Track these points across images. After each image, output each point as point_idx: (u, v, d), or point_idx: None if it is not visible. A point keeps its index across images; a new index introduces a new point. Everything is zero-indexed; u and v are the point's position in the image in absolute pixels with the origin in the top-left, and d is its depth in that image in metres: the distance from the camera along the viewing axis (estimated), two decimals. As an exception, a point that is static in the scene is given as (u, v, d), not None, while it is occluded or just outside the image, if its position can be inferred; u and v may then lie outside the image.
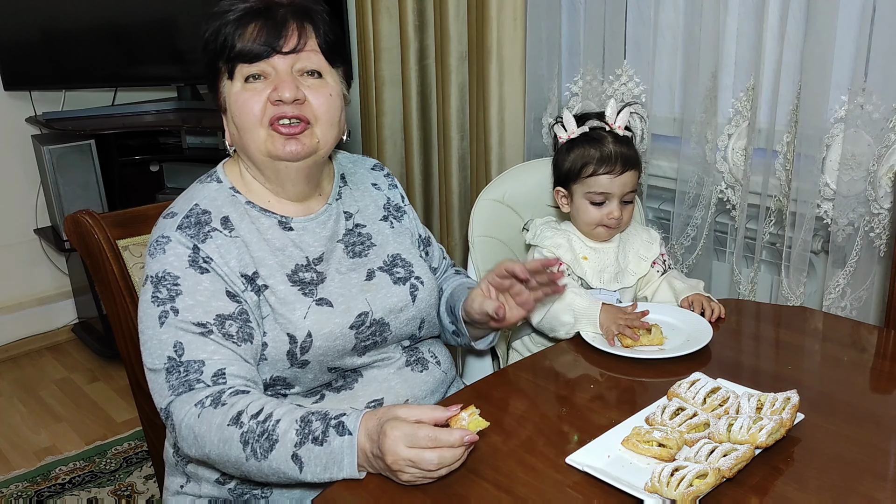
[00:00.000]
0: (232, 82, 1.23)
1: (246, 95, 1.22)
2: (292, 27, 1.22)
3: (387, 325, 1.31)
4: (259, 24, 1.21)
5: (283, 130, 1.22)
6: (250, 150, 1.25)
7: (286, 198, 1.30)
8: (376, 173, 1.48)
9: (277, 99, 1.20)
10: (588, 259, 1.59)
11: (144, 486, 2.36)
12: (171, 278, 1.19)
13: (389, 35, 2.63)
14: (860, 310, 1.78)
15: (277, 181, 1.28)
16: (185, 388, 1.15)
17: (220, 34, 1.23)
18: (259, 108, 1.21)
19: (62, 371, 3.09)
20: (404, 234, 1.43)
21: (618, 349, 1.37)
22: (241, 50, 1.21)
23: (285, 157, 1.23)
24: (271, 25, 1.21)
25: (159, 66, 3.03)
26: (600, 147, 1.56)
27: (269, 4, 1.24)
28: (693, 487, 0.95)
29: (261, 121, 1.22)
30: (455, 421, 1.05)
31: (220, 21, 1.23)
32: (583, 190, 1.58)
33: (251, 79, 1.22)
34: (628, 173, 1.56)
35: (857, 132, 1.68)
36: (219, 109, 1.30)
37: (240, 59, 1.21)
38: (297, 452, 1.07)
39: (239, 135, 1.25)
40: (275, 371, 1.24)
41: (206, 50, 1.26)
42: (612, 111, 1.61)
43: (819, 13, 1.66)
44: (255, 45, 1.21)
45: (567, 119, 1.62)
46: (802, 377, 1.30)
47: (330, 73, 1.26)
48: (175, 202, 1.29)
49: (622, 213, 1.58)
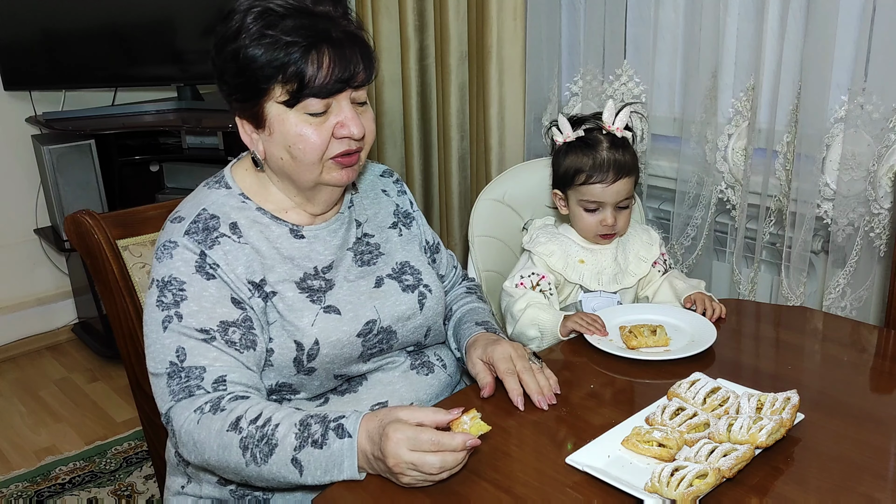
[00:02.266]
0: (287, 108, 1.18)
1: (309, 130, 1.18)
2: (355, 58, 1.18)
3: (394, 332, 1.30)
4: (329, 54, 1.16)
5: (345, 162, 1.21)
6: (303, 178, 1.22)
7: (309, 210, 1.30)
8: (385, 180, 1.47)
9: (345, 136, 1.19)
10: (585, 262, 1.59)
11: (144, 486, 2.36)
12: (177, 283, 1.19)
13: (389, 35, 2.63)
14: (860, 310, 1.78)
15: (313, 199, 1.28)
16: (186, 393, 1.14)
17: (290, 63, 1.14)
18: (324, 143, 1.19)
19: (62, 371, 3.09)
20: (413, 242, 1.42)
21: (623, 350, 1.37)
22: (316, 86, 1.15)
23: (338, 183, 1.24)
24: (341, 57, 1.16)
25: (159, 66, 3.03)
26: (593, 154, 1.54)
27: (327, 26, 1.17)
28: (693, 487, 0.95)
29: (324, 155, 1.20)
30: (457, 424, 1.05)
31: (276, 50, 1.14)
32: (576, 197, 1.58)
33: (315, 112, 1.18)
34: (622, 181, 1.53)
35: (857, 132, 1.69)
36: (250, 121, 1.22)
37: (312, 94, 1.16)
38: (297, 456, 1.07)
39: (293, 163, 1.21)
40: (280, 377, 1.24)
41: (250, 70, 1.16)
42: (609, 113, 1.58)
43: (819, 13, 1.66)
44: (329, 82, 1.16)
45: (562, 123, 1.60)
46: (802, 377, 1.29)
47: (369, 95, 1.26)
48: (182, 206, 1.28)
49: (617, 220, 1.56)
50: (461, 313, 1.46)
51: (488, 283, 1.78)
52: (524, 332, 1.51)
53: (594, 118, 1.61)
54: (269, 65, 1.15)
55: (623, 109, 1.58)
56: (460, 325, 1.42)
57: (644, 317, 1.48)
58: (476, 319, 1.42)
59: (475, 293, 1.54)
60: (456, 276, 1.56)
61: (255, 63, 1.16)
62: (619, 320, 1.46)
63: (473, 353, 1.31)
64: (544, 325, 1.48)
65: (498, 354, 1.27)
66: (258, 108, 1.20)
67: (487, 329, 1.38)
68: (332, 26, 1.18)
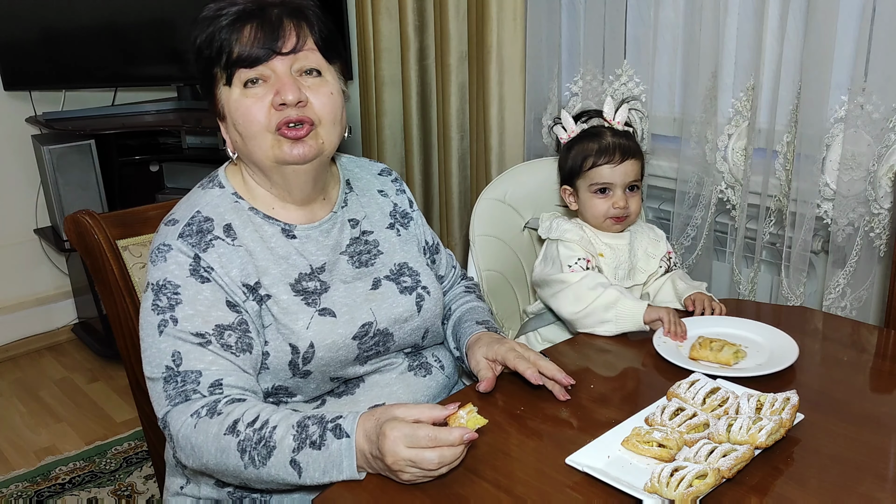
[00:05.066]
0: (230, 88, 1.20)
1: (248, 102, 1.19)
2: (289, 27, 1.20)
3: (390, 335, 1.30)
4: (254, 26, 1.18)
5: (290, 134, 1.19)
6: (256, 156, 1.22)
7: (292, 203, 1.28)
8: (383, 178, 1.46)
9: (281, 103, 1.18)
10: (604, 256, 1.60)
11: (144, 486, 2.36)
12: (172, 287, 1.18)
13: (389, 35, 2.63)
14: (860, 310, 1.78)
15: (284, 186, 1.26)
16: (182, 398, 1.14)
17: (215, 40, 1.19)
18: (263, 115, 1.19)
19: (62, 371, 3.08)
20: (411, 242, 1.41)
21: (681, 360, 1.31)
22: (240, 55, 1.18)
23: (293, 160, 1.21)
24: (267, 27, 1.19)
25: (159, 66, 3.03)
26: (598, 140, 1.59)
27: (261, 5, 1.21)
28: (693, 488, 0.95)
29: (266, 127, 1.19)
30: (453, 419, 1.05)
31: (212, 27, 1.20)
32: (586, 183, 1.60)
33: (250, 83, 1.19)
34: (629, 162, 1.57)
35: (857, 132, 1.68)
36: (215, 116, 1.27)
37: (238, 64, 1.19)
38: (296, 458, 1.07)
39: (243, 142, 1.22)
40: (276, 380, 1.23)
41: (199, 57, 1.22)
42: (609, 108, 1.63)
43: (819, 13, 1.66)
44: (253, 49, 1.18)
45: (565, 119, 1.64)
46: (802, 377, 1.29)
47: (328, 69, 1.24)
48: (176, 208, 1.28)
49: (628, 202, 1.58)
50: (460, 312, 1.46)
51: (489, 282, 1.78)
52: (595, 313, 1.46)
53: (595, 113, 1.65)
54: (206, 44, 1.20)
55: (622, 106, 1.62)
56: (460, 325, 1.42)
57: (729, 331, 1.41)
58: (476, 319, 1.41)
59: (474, 292, 1.54)
60: (455, 276, 1.56)
61: (198, 45, 1.22)
62: (705, 330, 1.40)
63: (477, 351, 1.31)
64: (623, 311, 1.44)
65: (506, 350, 1.27)
66: (215, 98, 1.24)
67: (488, 328, 1.38)
68: (274, 7, 1.21)
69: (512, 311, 1.85)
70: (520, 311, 1.84)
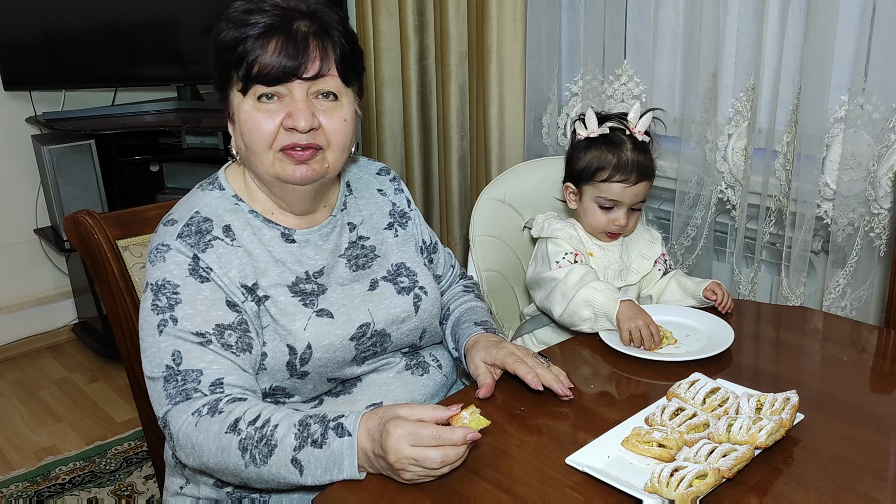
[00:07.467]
0: (244, 97, 1.19)
1: (259, 117, 1.17)
2: (314, 49, 1.17)
3: (388, 335, 1.30)
4: (280, 42, 1.15)
5: (295, 155, 1.18)
6: (258, 170, 1.22)
7: (291, 212, 1.28)
8: (382, 178, 1.45)
9: (291, 127, 1.16)
10: (594, 256, 1.60)
11: (144, 486, 2.36)
12: (171, 287, 1.18)
13: (389, 35, 2.63)
14: (860, 310, 1.78)
15: (283, 198, 1.26)
16: (183, 397, 1.14)
17: (239, 47, 1.16)
18: (271, 132, 1.17)
19: (62, 371, 3.08)
20: (409, 242, 1.41)
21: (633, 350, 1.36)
22: (260, 72, 1.16)
23: (294, 181, 1.20)
24: (292, 46, 1.16)
25: (159, 66, 3.02)
26: (618, 153, 1.55)
27: (288, 16, 1.18)
28: (693, 488, 0.95)
29: (271, 145, 1.18)
30: (456, 420, 1.05)
31: (237, 32, 1.17)
32: (594, 193, 1.58)
33: (265, 98, 1.17)
34: (642, 184, 1.56)
35: (857, 132, 1.69)
36: (225, 114, 1.25)
37: (257, 80, 1.16)
38: (297, 456, 1.07)
39: (247, 152, 1.21)
40: (274, 381, 1.23)
41: (219, 58, 1.20)
42: (634, 114, 1.59)
43: (819, 13, 1.66)
44: (274, 69, 1.15)
45: (589, 118, 1.60)
46: (802, 377, 1.30)
47: (345, 93, 1.21)
48: (175, 208, 1.27)
49: (628, 221, 1.58)
50: (459, 313, 1.45)
51: (489, 282, 1.78)
52: (577, 311, 1.47)
53: (618, 118, 1.61)
54: (230, 46, 1.17)
55: (646, 115, 1.59)
56: (458, 325, 1.42)
57: (661, 318, 1.45)
58: (475, 319, 1.41)
59: (472, 291, 1.54)
60: (453, 276, 1.56)
61: (221, 45, 1.19)
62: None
63: (475, 354, 1.31)
64: (598, 307, 1.44)
65: (504, 354, 1.27)
66: (227, 98, 1.22)
67: (487, 329, 1.38)
68: (302, 20, 1.18)
69: (512, 312, 1.85)
70: (519, 312, 1.84)
